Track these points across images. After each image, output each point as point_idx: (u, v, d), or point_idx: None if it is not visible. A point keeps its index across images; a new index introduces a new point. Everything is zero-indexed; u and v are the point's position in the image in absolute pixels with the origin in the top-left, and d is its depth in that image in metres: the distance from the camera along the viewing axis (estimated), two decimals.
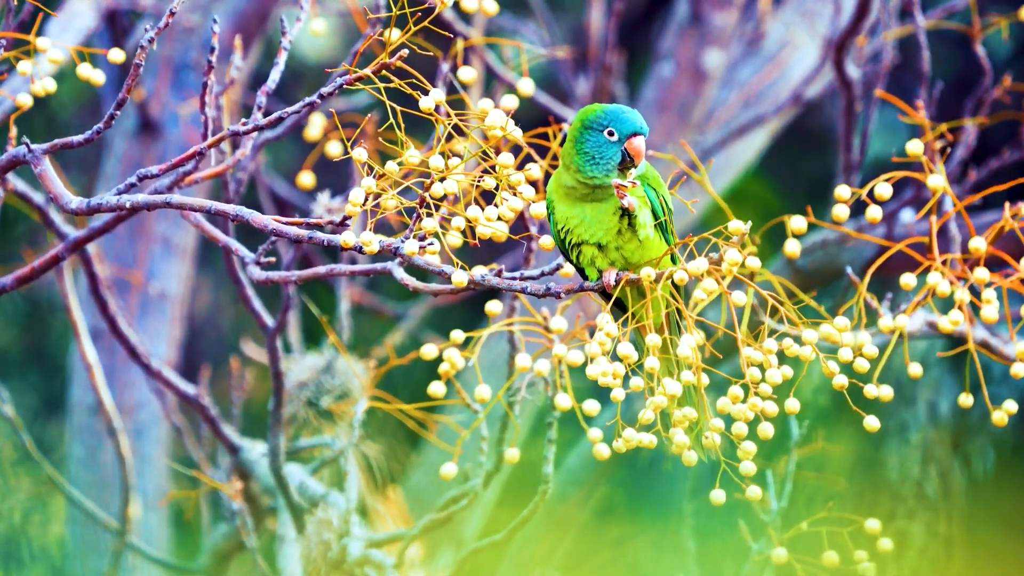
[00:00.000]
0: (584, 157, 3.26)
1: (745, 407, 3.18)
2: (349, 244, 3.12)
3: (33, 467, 5.75)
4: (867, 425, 3.30)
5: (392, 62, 3.18)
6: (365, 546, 3.90)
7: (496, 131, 3.17)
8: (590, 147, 3.26)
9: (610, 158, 3.26)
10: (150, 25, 3.30)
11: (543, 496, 3.62)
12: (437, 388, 3.61)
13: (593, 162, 3.26)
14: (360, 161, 3.13)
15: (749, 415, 3.18)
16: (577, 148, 3.28)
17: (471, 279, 3.14)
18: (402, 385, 5.97)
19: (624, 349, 3.15)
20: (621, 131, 3.26)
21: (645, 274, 3.19)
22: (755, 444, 3.22)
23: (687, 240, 3.23)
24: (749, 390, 3.19)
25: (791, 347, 3.20)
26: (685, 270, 3.17)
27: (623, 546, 5.50)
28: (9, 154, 3.35)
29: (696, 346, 3.18)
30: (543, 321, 3.59)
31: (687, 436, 3.23)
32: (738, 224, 3.17)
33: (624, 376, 3.18)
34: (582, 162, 3.26)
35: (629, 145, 3.26)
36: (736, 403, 3.18)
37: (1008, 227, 3.68)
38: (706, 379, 3.23)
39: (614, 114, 3.26)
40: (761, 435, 3.20)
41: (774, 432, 3.24)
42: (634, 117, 3.26)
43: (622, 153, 3.26)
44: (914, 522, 4.88)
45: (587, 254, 3.30)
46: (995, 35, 5.29)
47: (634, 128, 3.25)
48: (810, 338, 3.21)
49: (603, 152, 3.26)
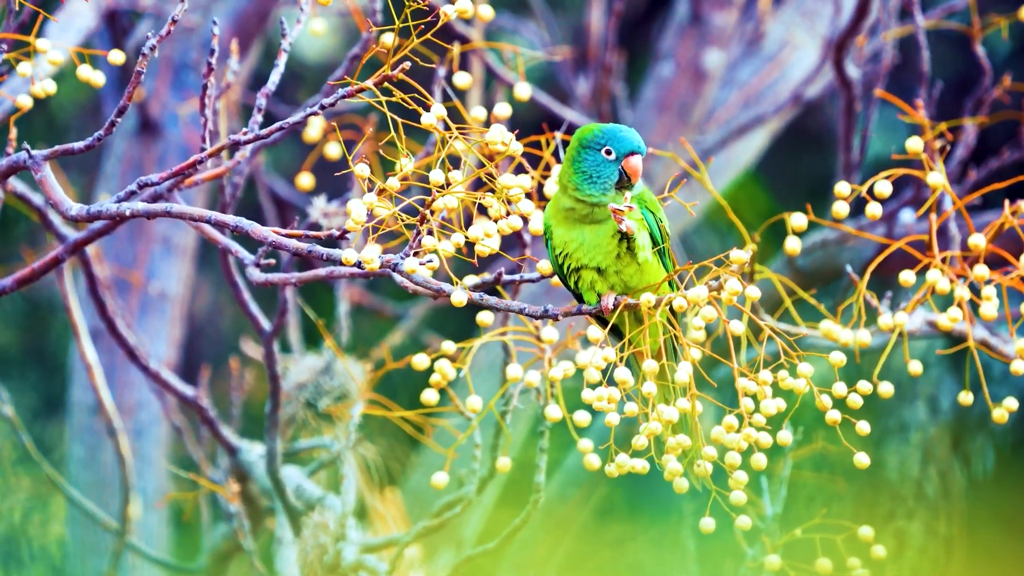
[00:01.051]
0: (582, 176, 3.27)
1: (739, 437, 3.19)
2: (350, 262, 3.14)
3: (33, 467, 5.75)
4: (859, 430, 3.31)
5: (394, 75, 3.19)
6: (360, 551, 3.90)
7: (498, 147, 3.18)
8: (587, 166, 3.27)
9: (608, 177, 3.27)
10: (152, 31, 3.30)
11: (535, 505, 3.63)
12: (431, 396, 3.63)
13: (591, 181, 3.27)
14: (362, 177, 3.14)
15: (743, 445, 3.19)
16: (575, 168, 3.28)
17: (470, 299, 3.16)
18: (401, 386, 5.97)
19: (621, 374, 3.16)
20: (618, 150, 3.27)
21: (644, 300, 3.20)
22: (747, 474, 3.23)
23: (687, 267, 3.24)
24: (743, 420, 3.20)
25: (785, 380, 3.21)
26: (684, 297, 3.17)
27: (623, 546, 5.50)
28: (10, 160, 3.36)
29: (692, 373, 3.19)
30: (535, 331, 3.59)
31: (680, 463, 3.23)
32: (739, 254, 3.17)
33: (619, 401, 3.19)
34: (580, 181, 3.27)
35: (626, 164, 3.27)
36: (730, 432, 3.19)
37: (1008, 224, 3.68)
38: (700, 407, 3.23)
39: (611, 133, 3.27)
40: (754, 466, 3.21)
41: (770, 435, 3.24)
42: (631, 136, 3.28)
43: (619, 172, 3.27)
44: (914, 522, 4.88)
45: (586, 278, 3.30)
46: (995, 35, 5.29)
47: (631, 147, 3.27)
48: (805, 371, 3.22)
49: (600, 171, 3.27)
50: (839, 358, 3.27)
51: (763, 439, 3.20)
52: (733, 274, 3.17)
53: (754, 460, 3.21)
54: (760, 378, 3.19)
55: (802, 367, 3.21)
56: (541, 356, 3.59)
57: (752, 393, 3.19)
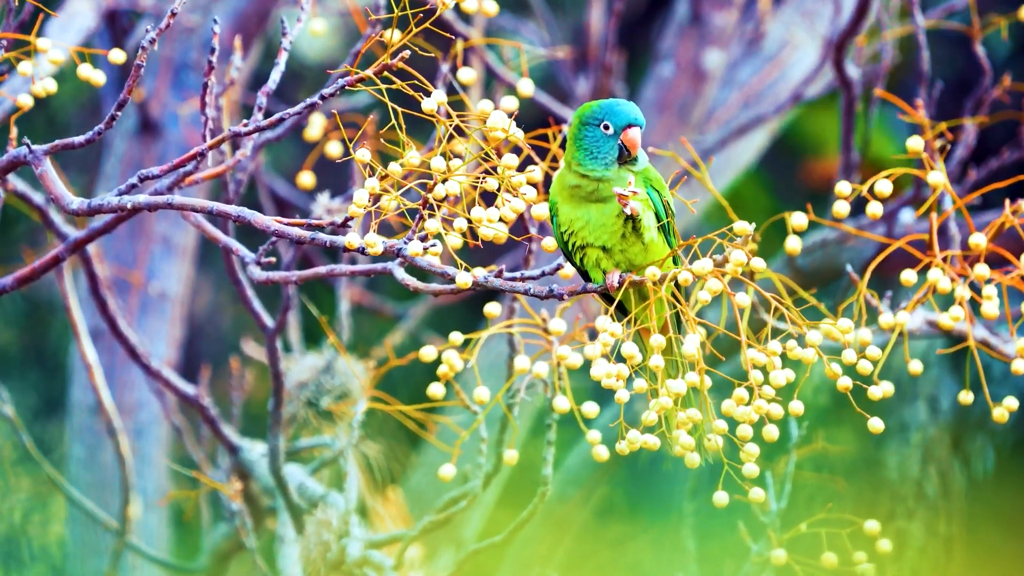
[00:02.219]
0: (583, 152, 3.30)
1: (750, 409, 3.17)
2: (353, 246, 3.13)
3: (33, 467, 5.75)
4: (872, 427, 3.30)
5: (394, 63, 3.19)
6: (364, 547, 3.90)
7: (498, 132, 3.18)
8: (588, 142, 3.30)
9: (608, 151, 3.31)
10: (151, 26, 3.30)
11: (542, 498, 3.63)
12: (436, 390, 3.62)
13: (592, 156, 3.30)
14: (362, 162, 3.14)
15: (754, 417, 3.18)
16: (577, 144, 3.32)
17: (475, 280, 3.15)
18: (402, 385, 5.97)
19: (628, 349, 3.16)
20: (616, 124, 3.30)
21: (649, 275, 3.20)
22: (758, 446, 3.21)
23: (691, 241, 3.24)
24: (753, 392, 3.19)
25: (794, 349, 3.20)
26: (690, 271, 3.17)
27: (623, 546, 5.50)
28: (10, 155, 3.36)
29: (700, 346, 3.19)
30: (542, 323, 3.59)
31: (691, 437, 3.23)
32: (743, 225, 3.19)
33: (627, 378, 3.18)
34: (582, 157, 3.30)
35: (624, 137, 3.30)
36: (741, 405, 3.18)
37: (1008, 224, 3.68)
38: (708, 381, 3.23)
39: (608, 108, 3.31)
40: (766, 437, 3.20)
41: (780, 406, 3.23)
42: (628, 109, 3.31)
43: (619, 146, 3.29)
44: (914, 522, 4.88)
45: (591, 257, 3.32)
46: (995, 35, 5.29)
47: (628, 120, 3.30)
48: (814, 339, 3.21)
49: (600, 146, 3.30)
50: (847, 325, 3.26)
51: (774, 410, 3.18)
52: (737, 247, 3.18)
53: (765, 431, 3.19)
54: (769, 348, 3.18)
55: (811, 335, 3.20)
56: (548, 348, 3.58)
57: (761, 365, 3.18)
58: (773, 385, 3.19)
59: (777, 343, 3.19)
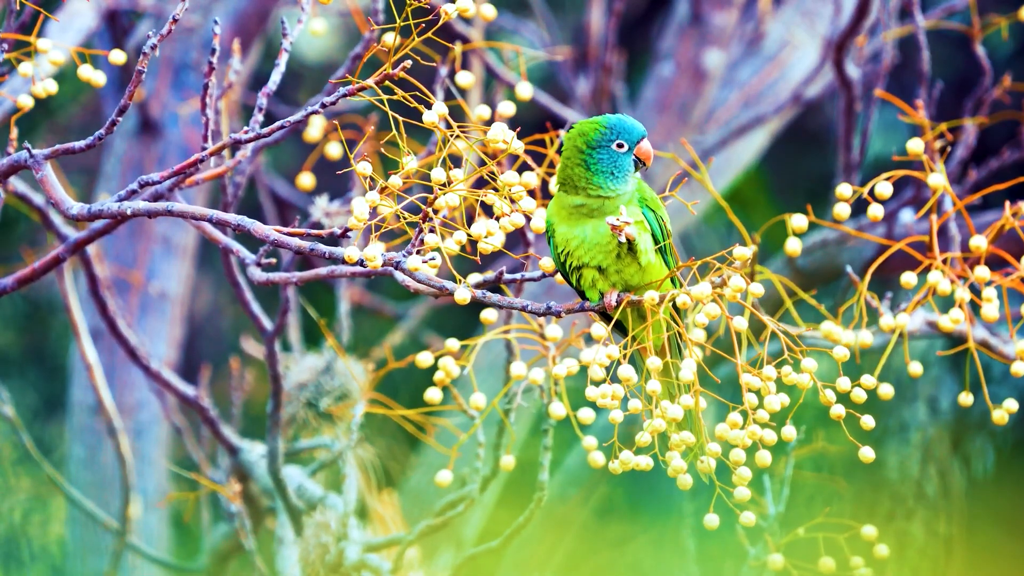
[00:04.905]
0: (603, 176, 3.33)
1: (743, 434, 3.19)
2: (353, 259, 3.14)
3: (33, 467, 5.76)
4: (863, 424, 3.30)
5: (395, 73, 3.19)
6: (362, 550, 3.91)
7: (500, 144, 3.19)
8: (606, 164, 3.33)
9: (626, 168, 3.34)
10: (152, 30, 3.30)
11: (538, 503, 3.63)
12: (434, 394, 3.63)
13: (613, 177, 3.33)
14: (363, 175, 3.14)
15: (747, 442, 3.19)
16: (593, 168, 3.33)
17: (473, 296, 3.16)
18: (402, 385, 5.97)
19: (624, 371, 3.18)
20: (630, 140, 3.34)
21: (648, 297, 3.22)
22: (751, 471, 3.23)
23: (689, 263, 3.25)
24: (747, 416, 3.20)
25: (789, 375, 3.21)
26: (688, 294, 3.18)
27: (623, 546, 5.50)
28: (11, 159, 3.36)
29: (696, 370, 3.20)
30: (539, 329, 3.60)
31: (684, 460, 3.24)
32: (743, 250, 3.19)
33: (623, 398, 3.19)
34: (602, 180, 3.33)
35: (639, 151, 3.34)
36: (734, 429, 3.19)
37: (1008, 226, 3.68)
38: (704, 403, 3.23)
39: (619, 126, 3.35)
40: (759, 463, 3.21)
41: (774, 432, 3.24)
42: (635, 123, 3.36)
43: (634, 160, 3.34)
44: (914, 522, 4.89)
45: (588, 277, 3.33)
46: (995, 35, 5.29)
47: (641, 133, 3.35)
48: (809, 366, 3.22)
49: (620, 164, 3.33)
50: (843, 353, 3.27)
51: (767, 436, 3.20)
52: (736, 271, 3.18)
53: (758, 457, 3.21)
54: (764, 373, 3.19)
55: (806, 362, 3.21)
56: (545, 354, 3.59)
57: (756, 389, 3.20)
58: (767, 409, 3.20)
59: (772, 368, 3.20)
